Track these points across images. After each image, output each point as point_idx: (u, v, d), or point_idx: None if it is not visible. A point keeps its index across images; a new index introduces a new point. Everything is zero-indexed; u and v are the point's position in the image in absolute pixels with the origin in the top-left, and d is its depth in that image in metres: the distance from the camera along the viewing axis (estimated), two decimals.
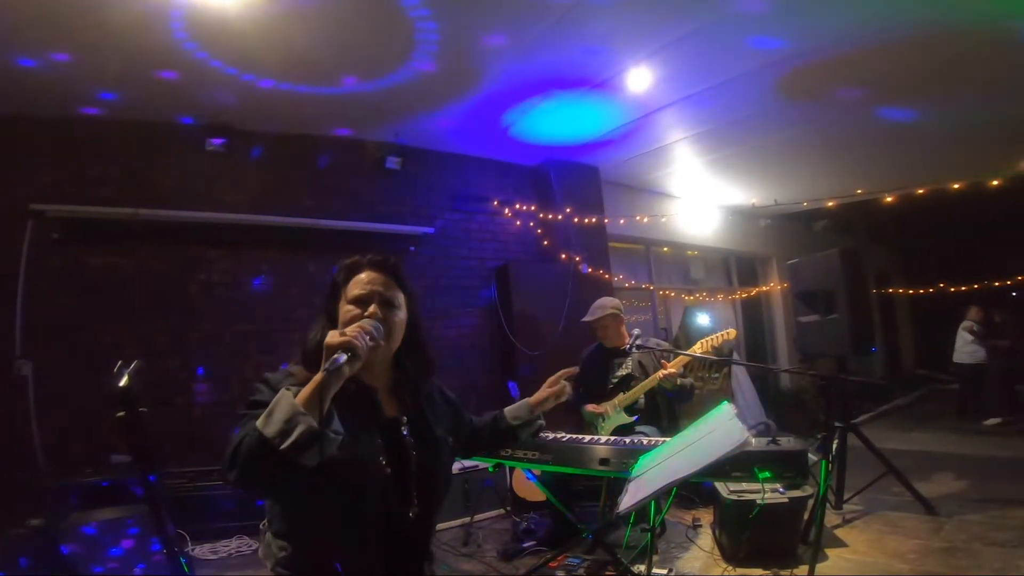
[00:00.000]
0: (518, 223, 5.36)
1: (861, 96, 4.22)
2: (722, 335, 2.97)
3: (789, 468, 2.08)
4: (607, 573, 2.80)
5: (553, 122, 4.52)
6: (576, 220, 5.24)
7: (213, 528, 3.40)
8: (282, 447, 0.99)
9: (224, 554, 3.28)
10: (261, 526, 1.32)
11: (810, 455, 2.60)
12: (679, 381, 3.06)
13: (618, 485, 3.19)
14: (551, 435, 2.82)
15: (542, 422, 1.75)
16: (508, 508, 3.83)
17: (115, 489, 2.94)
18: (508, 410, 1.71)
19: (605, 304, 3.46)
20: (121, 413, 1.59)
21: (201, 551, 3.26)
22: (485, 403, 4.87)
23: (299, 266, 4.26)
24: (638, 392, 3.20)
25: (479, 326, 5.02)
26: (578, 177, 5.48)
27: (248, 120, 4.07)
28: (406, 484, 1.28)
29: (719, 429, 1.49)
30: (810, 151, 5.36)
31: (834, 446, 3.42)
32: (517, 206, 5.34)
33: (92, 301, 3.66)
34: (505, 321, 4.81)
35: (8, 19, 2.74)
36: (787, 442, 2.20)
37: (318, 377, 1.07)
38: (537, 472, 3.02)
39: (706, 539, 3.28)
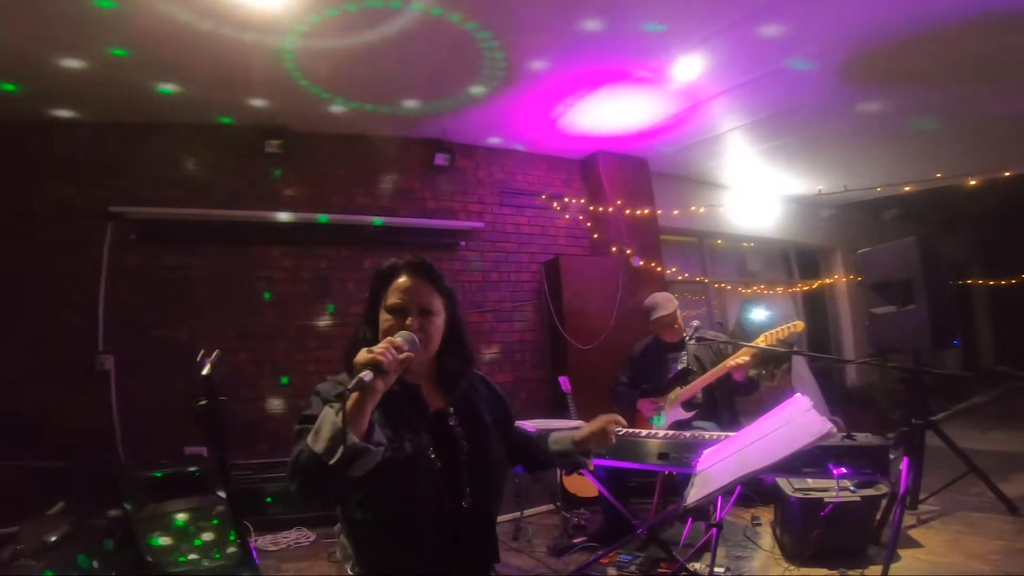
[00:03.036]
0: (567, 217, 5.31)
1: (936, 79, 3.94)
2: (789, 327, 2.84)
3: (868, 465, 1.96)
4: (660, 570, 2.73)
5: (601, 114, 4.44)
6: (627, 212, 5.14)
7: (274, 519, 3.50)
8: (331, 463, 1.04)
9: (283, 545, 3.37)
10: (336, 528, 1.37)
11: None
12: (750, 372, 2.96)
13: (672, 481, 3.15)
14: None
15: (586, 460, 1.60)
16: (558, 503, 3.80)
17: (190, 480, 3.03)
18: (552, 436, 1.62)
19: (670, 298, 3.37)
20: (203, 402, 1.67)
21: (262, 542, 3.37)
22: (535, 398, 4.87)
23: (354, 262, 4.37)
24: (699, 385, 3.11)
25: (529, 320, 5.01)
26: (627, 169, 5.38)
27: (302, 122, 4.20)
28: (458, 475, 1.29)
29: (795, 421, 1.42)
30: (879, 136, 5.04)
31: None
32: (566, 199, 5.29)
33: (166, 298, 3.88)
34: (556, 315, 4.78)
35: (76, 24, 2.88)
36: (864, 438, 2.08)
37: (355, 394, 1.09)
38: (590, 466, 2.98)
39: (765, 538, 3.16)
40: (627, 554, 2.91)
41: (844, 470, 1.95)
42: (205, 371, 1.63)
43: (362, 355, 1.14)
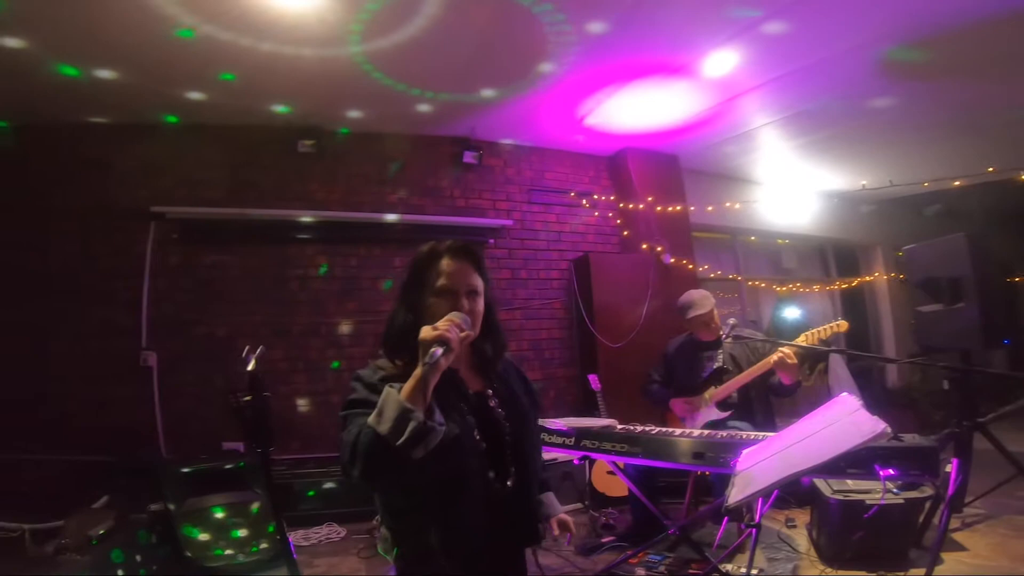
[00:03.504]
0: (596, 214, 5.27)
1: (987, 71, 3.77)
2: (832, 327, 2.72)
3: (916, 466, 1.88)
4: (691, 571, 2.69)
5: (630, 110, 4.37)
6: (658, 209, 5.07)
7: (305, 515, 3.55)
8: (398, 444, 1.04)
9: (315, 540, 3.42)
10: (374, 521, 1.37)
11: None
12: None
13: (704, 481, 3.09)
14: (639, 427, 2.75)
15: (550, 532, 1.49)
16: (586, 502, 3.78)
17: (229, 475, 3.10)
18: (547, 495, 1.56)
19: (706, 296, 3.29)
20: (248, 397, 1.69)
21: (294, 537, 3.41)
22: (564, 396, 4.85)
23: (385, 260, 4.42)
24: (736, 384, 3.03)
25: (558, 318, 4.98)
26: (657, 165, 5.30)
27: (333, 121, 4.27)
28: (502, 455, 1.30)
29: (842, 421, 1.37)
30: (924, 130, 4.84)
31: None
32: (595, 196, 5.25)
33: (205, 296, 3.99)
34: (585, 313, 4.74)
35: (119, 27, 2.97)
36: (912, 439, 2.00)
37: (418, 372, 1.10)
38: (621, 465, 2.95)
39: (801, 540, 3.10)
40: (656, 554, 2.88)
41: (891, 471, 1.88)
42: (250, 366, 1.65)
43: (427, 332, 1.14)
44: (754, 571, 2.65)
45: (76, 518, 2.60)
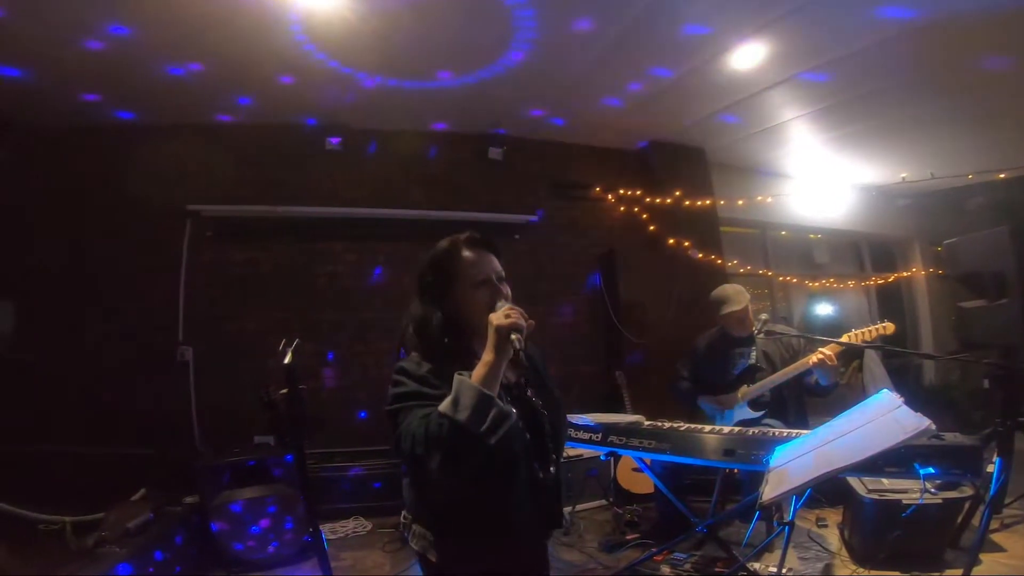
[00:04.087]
0: (622, 208, 5.21)
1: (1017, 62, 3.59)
2: (878, 328, 2.58)
3: (958, 465, 1.82)
4: (717, 570, 2.66)
5: (655, 105, 4.30)
6: (685, 204, 4.99)
7: (332, 508, 3.61)
8: (481, 431, 1.03)
9: (341, 534, 3.48)
10: (403, 518, 1.35)
11: None
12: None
13: (732, 479, 3.03)
14: (668, 423, 2.71)
15: None
16: (611, 499, 3.75)
17: (259, 468, 3.17)
18: None
19: (741, 292, 3.16)
20: (284, 390, 1.73)
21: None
22: (588, 392, 4.81)
23: (412, 256, 4.43)
24: (770, 383, 2.93)
25: (583, 313, 4.95)
26: (683, 160, 5.22)
27: (360, 119, 4.30)
28: (543, 445, 1.30)
29: (882, 418, 1.33)
30: (965, 121, 4.64)
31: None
32: (621, 191, 5.19)
33: (237, 292, 4.10)
34: (611, 308, 4.71)
35: (158, 33, 3.07)
36: (953, 438, 1.93)
37: (489, 358, 1.10)
38: (647, 462, 2.92)
39: (832, 540, 3.06)
40: (681, 552, 2.86)
41: (931, 470, 1.83)
42: (287, 360, 1.68)
43: (499, 319, 1.13)
44: (785, 570, 2.61)
45: (115, 511, 2.66)
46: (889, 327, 2.62)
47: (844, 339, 2.62)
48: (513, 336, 1.10)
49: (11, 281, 3.68)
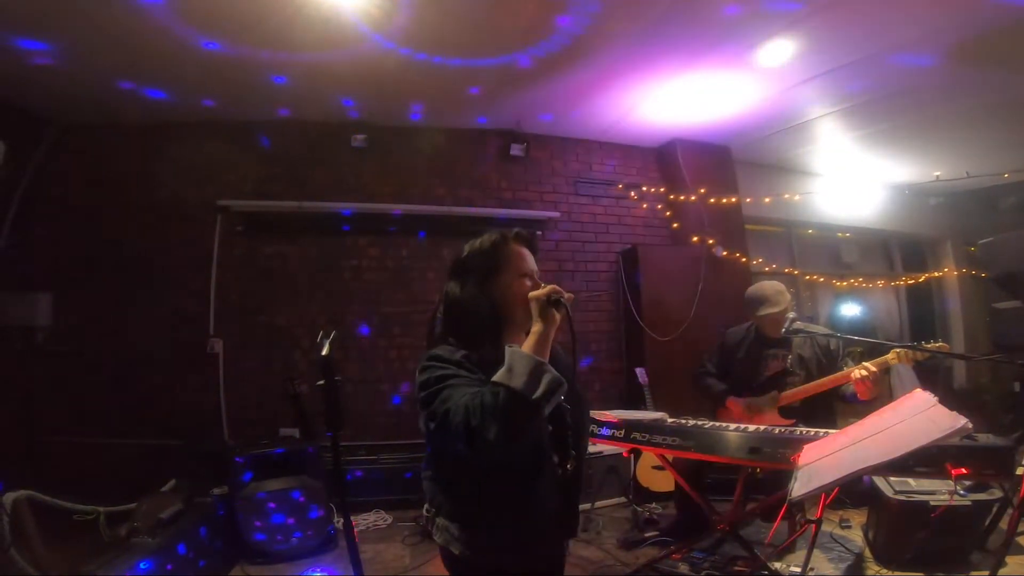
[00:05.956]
0: (645, 206, 5.19)
1: None
2: (933, 346, 2.42)
3: (990, 466, 1.78)
4: (736, 568, 2.64)
5: (679, 101, 4.27)
6: (709, 201, 4.94)
7: (354, 501, 3.63)
8: (535, 396, 1.04)
9: (362, 527, 3.51)
10: (425, 512, 1.34)
11: None
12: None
13: (753, 479, 2.99)
14: (691, 421, 2.70)
15: None
16: (630, 496, 3.75)
17: (286, 459, 3.20)
18: None
19: (781, 291, 2.93)
20: (321, 382, 1.77)
21: (342, 524, 3.54)
22: (610, 389, 4.81)
23: (434, 252, 4.50)
24: (805, 393, 2.78)
25: (604, 310, 4.94)
26: (708, 157, 5.15)
27: (382, 116, 4.35)
28: (564, 439, 1.31)
29: (916, 416, 1.31)
30: (1002, 118, 4.49)
31: None
32: (643, 188, 5.17)
33: (266, 286, 4.18)
34: (633, 306, 4.69)
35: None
36: (986, 438, 1.89)
37: (538, 328, 1.13)
38: (670, 458, 2.89)
39: (855, 541, 3.03)
40: (700, 551, 2.84)
41: (963, 471, 1.79)
42: (324, 351, 1.71)
43: (539, 292, 1.18)
44: (809, 570, 2.58)
45: (147, 501, 2.71)
46: (944, 347, 2.46)
47: (892, 355, 2.46)
48: (555, 295, 1.14)
49: (50, 274, 3.82)
